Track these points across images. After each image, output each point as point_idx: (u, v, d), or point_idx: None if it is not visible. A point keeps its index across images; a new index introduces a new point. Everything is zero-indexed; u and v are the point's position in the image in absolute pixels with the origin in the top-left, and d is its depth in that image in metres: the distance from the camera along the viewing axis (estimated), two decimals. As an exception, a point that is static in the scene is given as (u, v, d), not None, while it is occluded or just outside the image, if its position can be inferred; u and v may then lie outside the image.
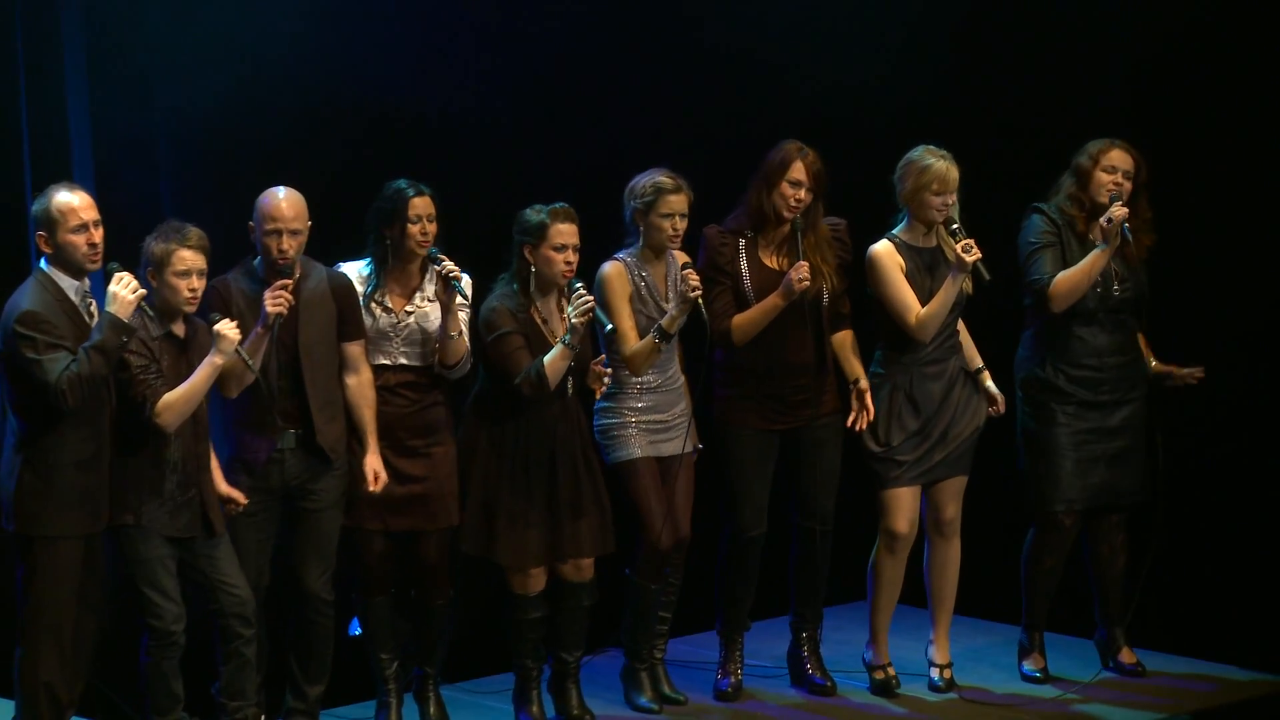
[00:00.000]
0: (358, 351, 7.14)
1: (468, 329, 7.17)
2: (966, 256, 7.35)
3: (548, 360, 7.07)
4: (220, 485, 6.88)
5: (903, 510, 7.63)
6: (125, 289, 6.43)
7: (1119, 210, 7.51)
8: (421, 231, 7.11)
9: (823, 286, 7.48)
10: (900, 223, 7.60)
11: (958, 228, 7.42)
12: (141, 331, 6.58)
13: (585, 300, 7.05)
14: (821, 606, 7.83)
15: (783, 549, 7.77)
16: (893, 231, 7.60)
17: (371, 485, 7.06)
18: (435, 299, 7.18)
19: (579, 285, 7.12)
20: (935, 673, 7.84)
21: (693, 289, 7.22)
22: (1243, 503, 8.38)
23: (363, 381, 7.12)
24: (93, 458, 6.54)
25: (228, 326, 6.60)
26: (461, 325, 7.13)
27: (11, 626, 6.62)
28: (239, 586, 6.79)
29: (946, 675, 7.84)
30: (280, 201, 6.90)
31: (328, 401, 7.04)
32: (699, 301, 7.24)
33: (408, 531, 7.26)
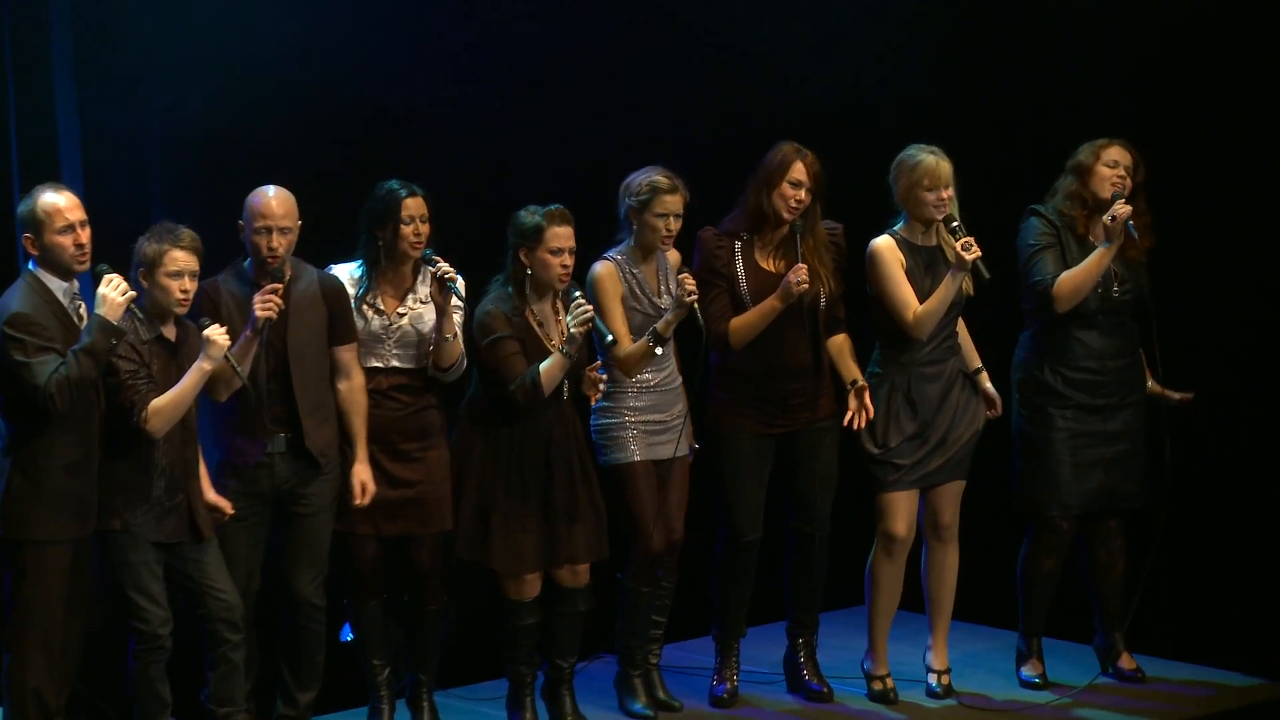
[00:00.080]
0: (349, 356, 7.09)
1: (462, 331, 7.11)
2: (966, 255, 7.31)
3: (544, 368, 7.03)
4: (208, 493, 6.84)
5: (901, 513, 7.59)
6: (115, 291, 6.40)
7: (1123, 208, 7.48)
8: (415, 232, 7.06)
9: (820, 290, 7.44)
10: (899, 223, 7.56)
11: (958, 225, 7.38)
12: (131, 335, 6.54)
13: (585, 311, 7.00)
14: (818, 612, 7.80)
15: (779, 554, 7.74)
16: (893, 228, 7.56)
17: (358, 498, 7.03)
18: (428, 300, 7.13)
19: (578, 295, 7.08)
20: (933, 679, 7.82)
21: (688, 294, 7.17)
22: (1243, 507, 8.36)
23: (354, 387, 7.07)
24: (82, 461, 6.50)
25: (217, 332, 6.56)
26: (456, 327, 7.07)
27: (-1, 632, 6.60)
28: (226, 592, 6.74)
29: (944, 681, 7.81)
30: (270, 199, 6.86)
31: (318, 405, 6.99)
32: (694, 306, 7.20)
33: (400, 536, 7.21)
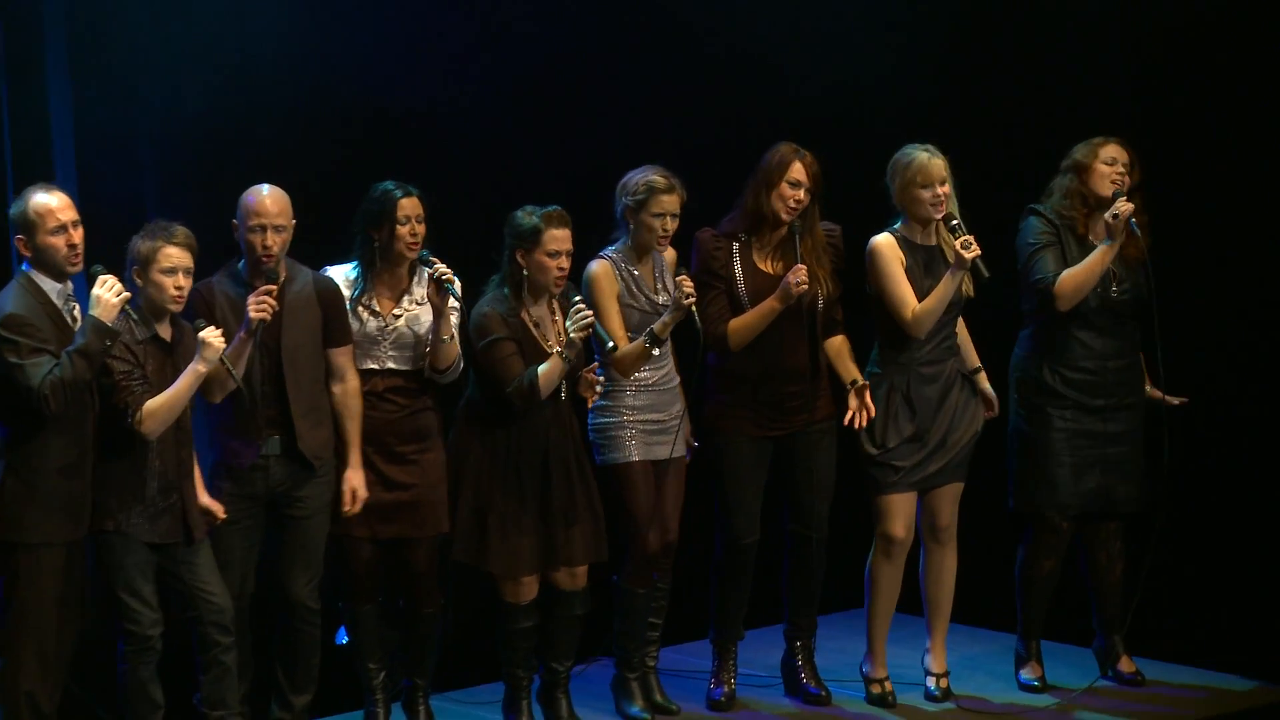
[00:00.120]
0: (344, 358, 7.05)
1: (458, 332, 7.08)
2: (966, 253, 7.28)
3: (542, 371, 7.00)
4: (201, 496, 6.80)
5: (899, 515, 7.56)
6: (109, 292, 6.37)
7: (1126, 205, 7.45)
8: (411, 233, 7.03)
9: (818, 292, 7.42)
10: (899, 222, 7.52)
11: (957, 224, 7.35)
12: (126, 335, 6.51)
13: (586, 316, 6.97)
14: (816, 615, 7.77)
15: (776, 556, 7.72)
16: (893, 227, 7.53)
17: (347, 506, 7.01)
18: (424, 302, 7.10)
19: (578, 299, 7.05)
20: (932, 682, 7.78)
21: (686, 296, 7.14)
22: (1244, 510, 8.33)
23: (348, 390, 7.04)
24: (76, 463, 6.47)
25: (213, 334, 6.53)
26: (453, 329, 7.03)
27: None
28: (217, 595, 6.71)
29: (943, 684, 7.77)
30: (264, 197, 6.83)
31: (312, 408, 6.96)
32: (692, 309, 7.16)
33: (396, 539, 7.18)
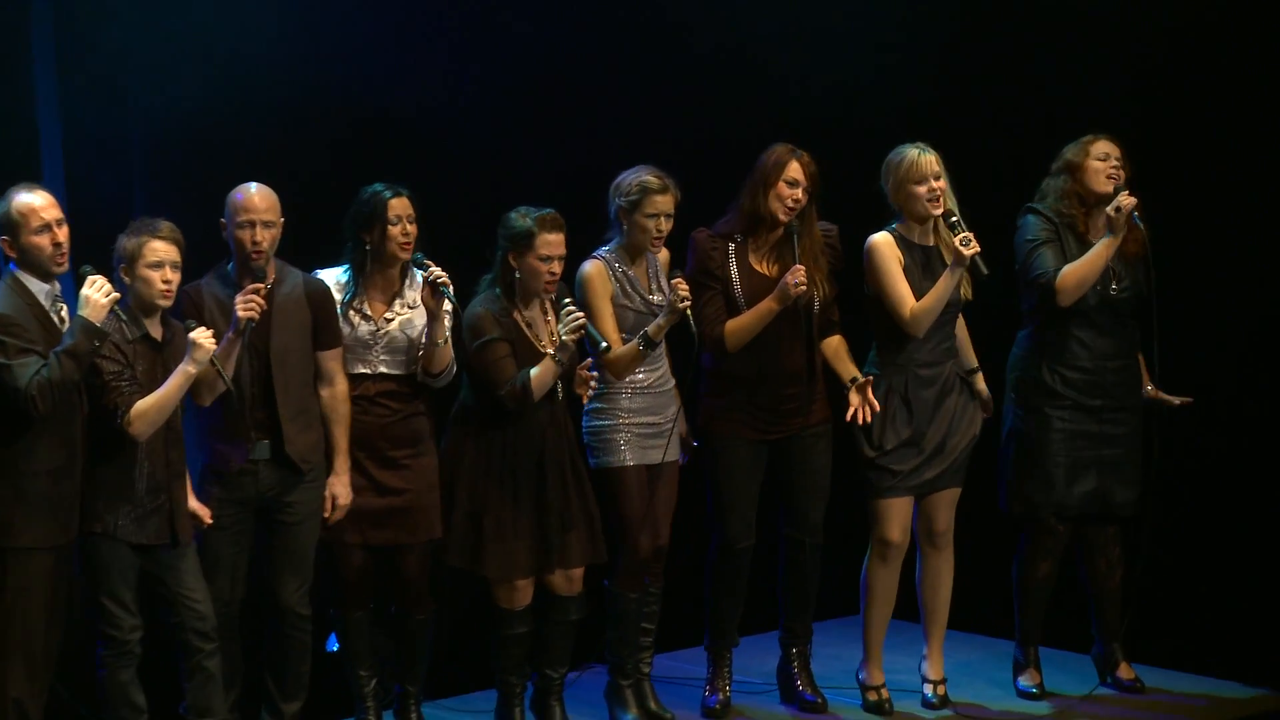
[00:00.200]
0: (334, 362, 7.02)
1: (450, 333, 7.03)
2: (965, 250, 7.24)
3: (534, 374, 6.98)
4: (189, 500, 6.75)
5: (895, 519, 7.53)
6: (98, 292, 6.32)
7: (1128, 198, 7.41)
8: (403, 233, 7.00)
9: (814, 294, 7.39)
10: (897, 222, 7.49)
11: (957, 220, 7.32)
12: (116, 336, 6.47)
13: (577, 319, 6.94)
14: (811, 621, 7.75)
15: (771, 561, 7.68)
16: (892, 224, 7.49)
17: (328, 512, 6.98)
18: (416, 305, 7.07)
19: (569, 301, 7.02)
20: (929, 689, 7.75)
21: (681, 299, 7.10)
22: (1245, 515, 8.31)
23: (336, 394, 7.00)
24: (65, 467, 6.42)
25: (203, 335, 6.48)
26: (447, 332, 6.98)
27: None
28: (200, 601, 6.66)
29: (940, 691, 7.74)
30: (253, 194, 6.81)
31: (300, 411, 6.91)
32: (686, 312, 7.13)
33: (388, 545, 7.14)
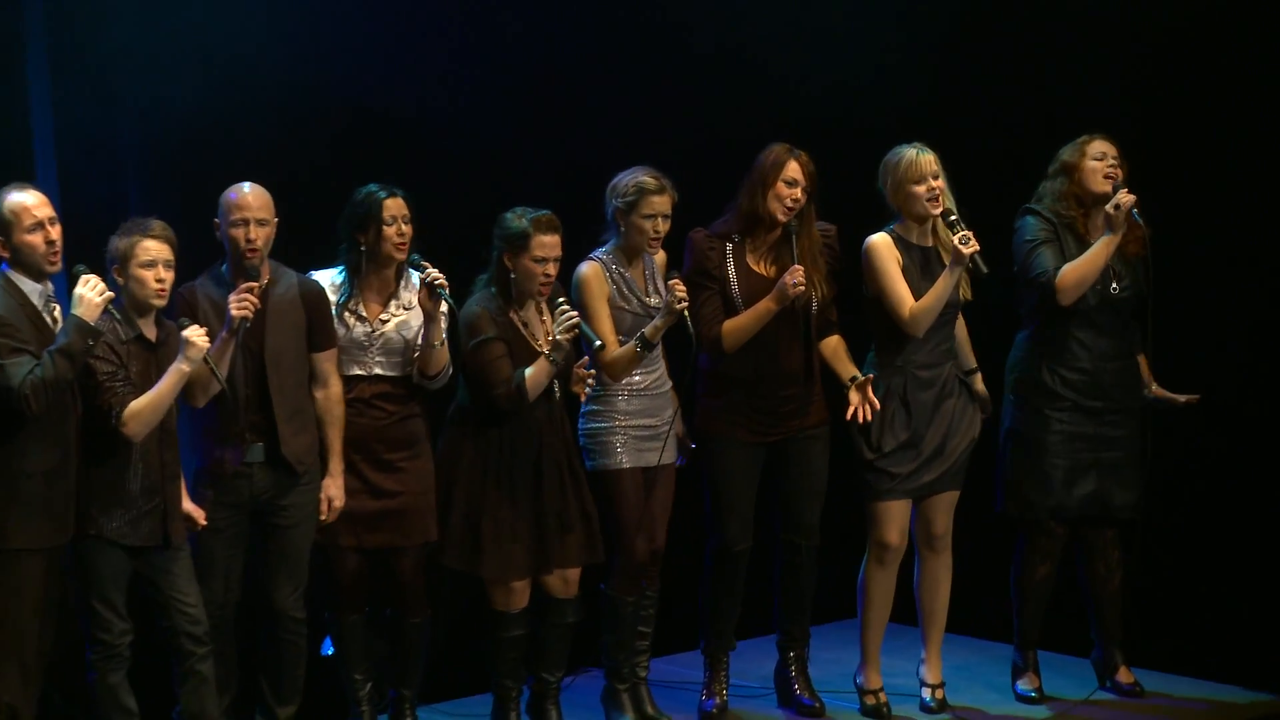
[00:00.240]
0: (328, 363, 7.00)
1: (447, 337, 7.01)
2: (964, 248, 7.21)
3: (529, 375, 6.96)
4: (184, 501, 6.72)
5: (893, 522, 7.50)
6: (92, 290, 6.31)
7: (1127, 195, 7.39)
8: (398, 233, 6.99)
9: (812, 295, 7.36)
10: (895, 223, 7.46)
11: (956, 219, 7.30)
12: (110, 336, 6.45)
13: (571, 318, 6.92)
14: (808, 624, 7.72)
15: (767, 564, 7.66)
16: (890, 225, 7.46)
17: (323, 515, 6.96)
18: (412, 306, 7.05)
19: (563, 301, 7.00)
20: (927, 693, 7.72)
21: (679, 300, 7.07)
22: (1245, 518, 8.27)
23: (330, 396, 6.97)
24: (58, 468, 6.38)
25: (196, 333, 6.45)
26: (444, 334, 6.95)
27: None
28: (193, 605, 6.63)
29: (939, 695, 7.71)
30: (246, 193, 6.80)
31: (295, 412, 6.89)
32: (684, 313, 7.10)
33: (383, 548, 7.11)
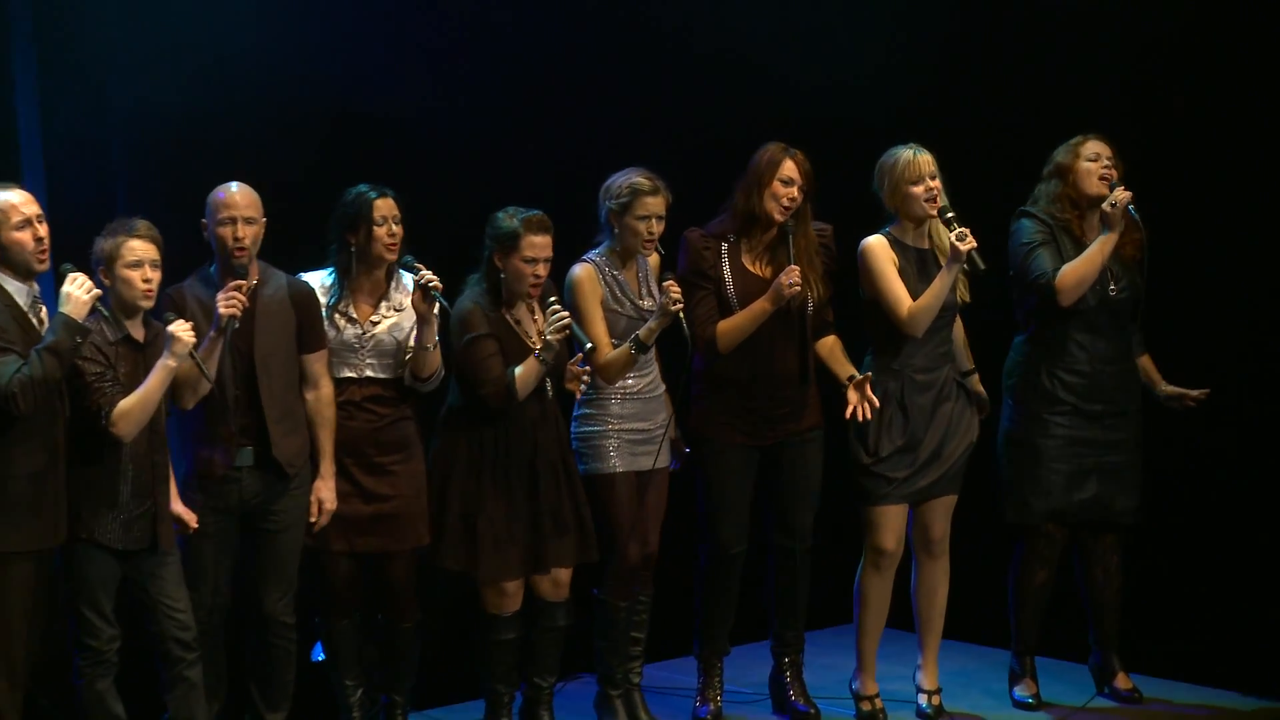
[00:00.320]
0: (319, 365, 6.96)
1: (440, 339, 6.96)
2: (961, 245, 7.17)
3: (519, 372, 6.93)
4: (174, 504, 6.68)
5: (890, 527, 7.45)
6: (79, 289, 6.27)
7: (1123, 193, 7.36)
8: (389, 234, 6.96)
9: (808, 295, 7.32)
10: (889, 225, 7.42)
11: (952, 216, 7.27)
12: (97, 337, 6.41)
13: (562, 319, 6.88)
14: (803, 629, 7.70)
15: (761, 569, 7.63)
16: (885, 228, 7.42)
17: (314, 517, 6.92)
18: (403, 307, 7.02)
19: (554, 301, 6.97)
20: (923, 699, 7.68)
21: (674, 302, 7.03)
22: (1245, 523, 8.22)
23: (321, 398, 6.94)
24: (45, 470, 6.32)
25: (181, 328, 6.41)
26: (436, 336, 6.90)
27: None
28: (182, 610, 6.58)
29: (935, 702, 7.67)
30: (234, 192, 6.77)
31: (286, 414, 6.85)
32: (679, 315, 7.06)
33: (374, 552, 7.07)
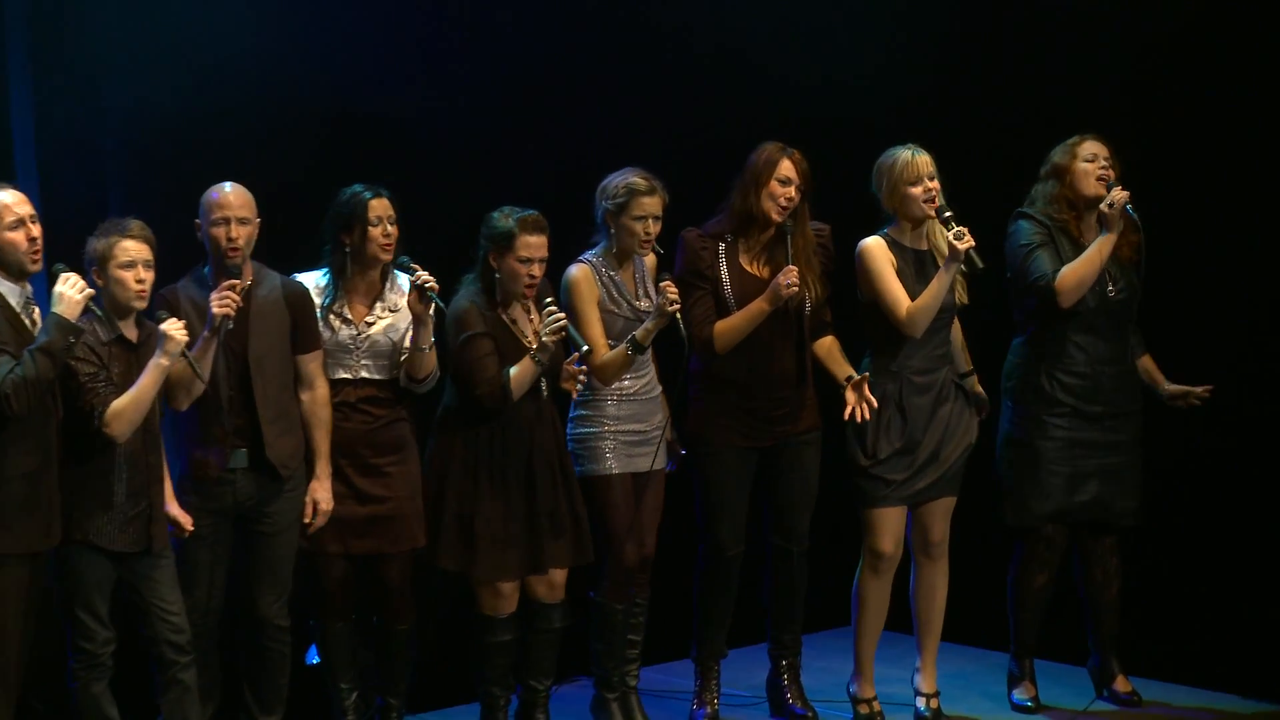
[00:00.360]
0: (314, 365, 6.94)
1: (435, 340, 6.95)
2: (959, 244, 7.15)
3: (514, 373, 6.92)
4: (169, 505, 6.65)
5: (888, 529, 7.43)
6: (72, 289, 6.24)
7: (1120, 192, 7.35)
8: (384, 234, 6.93)
9: (806, 296, 7.31)
10: (888, 226, 7.40)
11: (950, 216, 7.25)
12: (90, 337, 6.38)
13: (558, 320, 6.86)
14: (800, 632, 7.68)
15: (758, 571, 7.62)
16: (883, 229, 7.40)
17: (308, 518, 6.89)
18: (398, 308, 6.99)
19: (550, 301, 6.95)
20: (922, 702, 7.66)
21: (670, 302, 7.00)
22: (1244, 525, 8.21)
23: (317, 399, 6.92)
24: (39, 472, 6.29)
25: (174, 327, 6.39)
26: (432, 337, 6.88)
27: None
28: (176, 613, 6.55)
29: (933, 705, 7.65)
30: (227, 192, 6.76)
31: (280, 415, 6.83)
32: (676, 316, 7.04)
33: (370, 554, 7.05)
